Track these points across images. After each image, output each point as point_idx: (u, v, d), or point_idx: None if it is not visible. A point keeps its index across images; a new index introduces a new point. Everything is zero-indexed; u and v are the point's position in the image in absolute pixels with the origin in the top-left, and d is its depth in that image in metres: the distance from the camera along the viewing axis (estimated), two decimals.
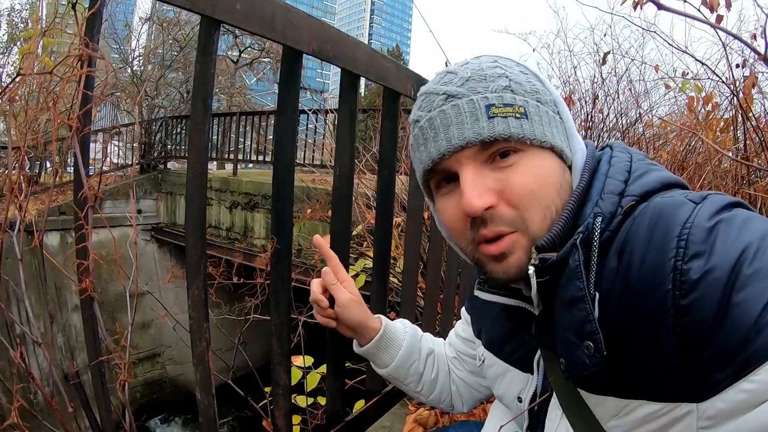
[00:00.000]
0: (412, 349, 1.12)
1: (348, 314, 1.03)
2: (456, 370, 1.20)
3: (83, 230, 1.00)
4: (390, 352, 1.10)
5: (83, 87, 0.93)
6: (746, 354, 0.51)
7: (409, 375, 1.13)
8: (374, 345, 1.09)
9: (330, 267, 1.05)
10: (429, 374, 1.16)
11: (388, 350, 1.10)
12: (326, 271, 1.03)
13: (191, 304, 1.05)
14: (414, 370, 1.13)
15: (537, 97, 0.74)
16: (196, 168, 1.02)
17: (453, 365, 1.21)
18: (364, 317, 1.06)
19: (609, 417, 0.68)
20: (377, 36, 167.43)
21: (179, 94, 13.99)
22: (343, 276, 1.06)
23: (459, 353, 1.19)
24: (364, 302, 1.07)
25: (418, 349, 1.14)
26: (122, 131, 11.63)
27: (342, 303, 1.02)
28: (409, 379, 1.14)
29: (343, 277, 1.06)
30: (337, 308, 1.03)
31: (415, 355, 1.13)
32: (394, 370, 1.11)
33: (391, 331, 1.11)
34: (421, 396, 1.19)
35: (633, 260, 0.62)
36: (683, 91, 3.29)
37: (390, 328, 1.11)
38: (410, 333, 1.14)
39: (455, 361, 1.20)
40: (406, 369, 1.12)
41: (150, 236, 9.91)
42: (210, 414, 1.10)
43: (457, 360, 1.19)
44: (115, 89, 11.94)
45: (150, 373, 9.33)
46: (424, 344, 1.17)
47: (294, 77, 1.19)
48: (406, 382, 1.15)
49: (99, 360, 1.05)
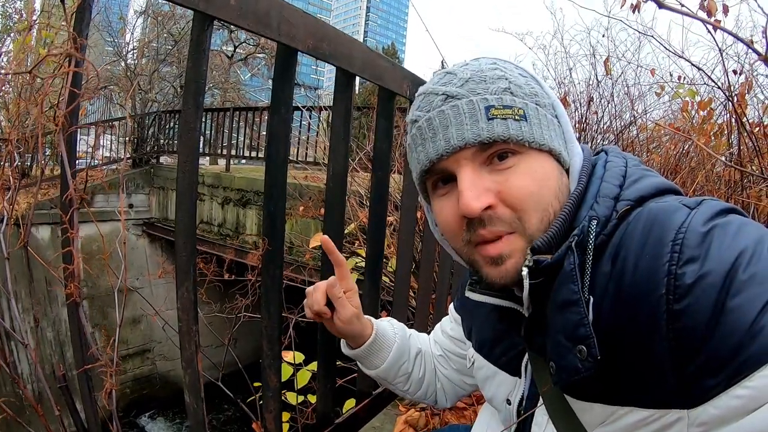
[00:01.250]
0: (401, 351, 1.11)
1: (346, 329, 1.00)
2: (441, 368, 1.20)
3: (68, 234, 0.98)
4: (380, 356, 1.09)
5: (70, 84, 0.91)
6: (740, 360, 0.51)
7: (398, 376, 1.12)
8: (365, 349, 1.07)
9: (337, 274, 0.99)
10: (417, 374, 1.16)
11: (379, 354, 1.09)
12: (333, 283, 0.96)
13: (180, 306, 1.03)
14: (403, 371, 1.12)
15: (536, 100, 0.74)
16: (186, 167, 1.00)
17: (438, 363, 1.20)
18: (360, 329, 1.03)
19: (596, 424, 0.67)
20: (373, 34, 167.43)
21: (173, 89, 13.91)
22: (349, 285, 1.01)
23: (445, 351, 1.18)
24: (362, 314, 1.04)
25: (407, 350, 1.13)
26: (115, 125, 11.57)
27: (344, 319, 0.98)
28: (397, 380, 1.13)
29: (349, 286, 1.00)
30: (337, 321, 0.99)
31: (404, 356, 1.12)
32: (383, 372, 1.10)
33: (381, 334, 1.09)
34: (407, 394, 1.18)
35: (627, 264, 0.62)
36: (678, 96, 3.30)
37: (380, 332, 1.09)
38: (400, 335, 1.13)
39: (441, 359, 1.19)
40: (395, 370, 1.11)
41: (141, 231, 9.87)
42: (199, 417, 1.09)
43: (443, 358, 1.19)
44: (108, 83, 11.87)
45: (140, 368, 9.31)
46: (412, 344, 1.16)
47: (288, 75, 1.17)
48: (394, 382, 1.14)
49: (84, 368, 1.03)
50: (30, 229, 1.15)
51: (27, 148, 1.42)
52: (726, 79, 2.60)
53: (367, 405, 1.64)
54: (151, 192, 10.28)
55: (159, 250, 9.94)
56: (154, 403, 9.27)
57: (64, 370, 1.16)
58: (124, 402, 8.72)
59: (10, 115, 1.41)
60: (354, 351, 1.09)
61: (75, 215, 1.00)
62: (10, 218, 1.25)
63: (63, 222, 0.99)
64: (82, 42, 0.90)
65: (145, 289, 7.42)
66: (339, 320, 0.98)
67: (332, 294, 0.96)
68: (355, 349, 1.08)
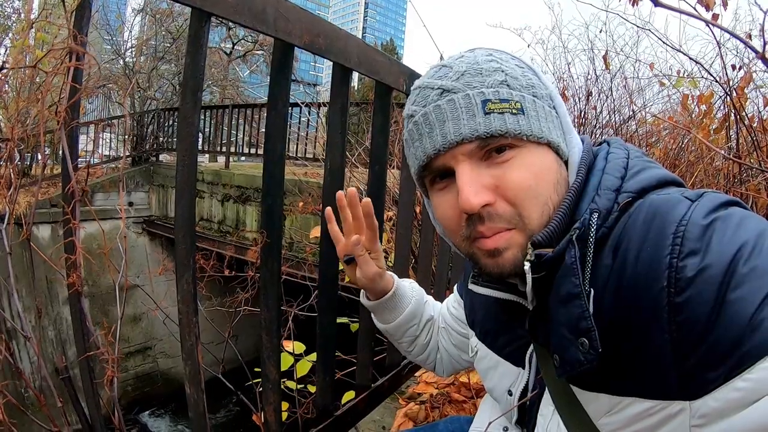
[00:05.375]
0: (414, 313, 1.16)
1: (368, 284, 1.07)
2: (443, 340, 1.23)
3: (70, 224, 0.99)
4: (394, 314, 1.14)
5: (71, 80, 0.92)
6: (740, 352, 0.51)
7: (406, 335, 1.18)
8: (381, 303, 1.12)
9: (367, 236, 1.03)
10: (423, 339, 1.21)
11: (393, 311, 1.14)
12: (356, 241, 1.00)
13: (180, 298, 1.04)
14: (411, 333, 1.18)
15: (533, 91, 0.74)
16: (185, 162, 1.01)
17: (441, 335, 1.24)
18: (382, 285, 1.09)
19: (601, 414, 0.67)
20: (371, 30, 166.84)
21: (172, 86, 13.87)
22: (375, 247, 1.05)
23: (448, 326, 1.21)
24: (386, 273, 1.09)
25: (419, 314, 1.18)
26: (114, 123, 11.54)
27: (368, 276, 1.04)
28: (404, 339, 1.19)
29: (375, 248, 1.05)
30: (359, 274, 1.04)
31: (416, 319, 1.17)
32: (393, 329, 1.16)
33: (399, 293, 1.13)
34: (409, 355, 1.24)
35: (628, 257, 0.62)
36: (677, 88, 3.30)
37: (399, 291, 1.14)
38: (416, 298, 1.17)
39: (443, 332, 1.23)
40: (404, 330, 1.16)
41: (141, 229, 9.85)
42: (200, 409, 1.10)
43: (446, 331, 1.22)
44: (107, 81, 11.83)
45: (141, 366, 9.30)
46: (426, 310, 1.21)
47: (285, 71, 1.18)
48: (400, 341, 1.20)
49: (86, 356, 1.04)
50: (32, 225, 1.16)
51: (27, 147, 1.43)
52: (724, 73, 2.61)
53: (367, 398, 1.65)
54: (151, 190, 10.25)
55: (159, 248, 9.92)
56: (156, 401, 9.27)
57: (67, 362, 1.17)
58: (126, 399, 8.71)
59: (9, 114, 1.42)
60: (370, 302, 1.14)
61: (77, 206, 1.01)
62: (11, 216, 1.26)
63: (65, 214, 1.00)
64: (83, 39, 0.91)
65: (146, 287, 7.35)
66: (361, 275, 1.04)
67: (355, 251, 1.01)
68: (371, 301, 1.13)
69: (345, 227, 1.05)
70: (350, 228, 1.03)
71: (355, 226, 1.02)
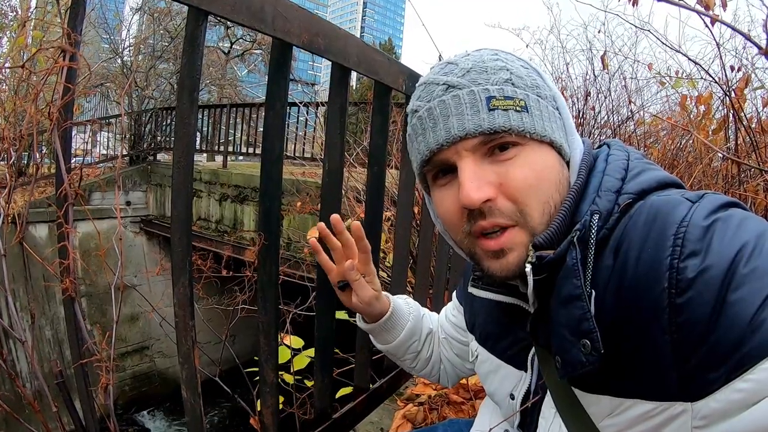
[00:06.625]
0: (414, 330, 1.14)
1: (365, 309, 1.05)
2: (444, 351, 1.22)
3: (63, 229, 0.98)
4: (393, 333, 1.12)
5: (65, 79, 0.91)
6: (741, 353, 0.51)
7: (408, 352, 1.17)
8: (379, 325, 1.10)
9: (360, 260, 1.01)
10: (425, 353, 1.20)
11: (392, 331, 1.12)
12: (349, 266, 0.98)
13: (177, 302, 1.03)
14: (413, 349, 1.16)
15: (537, 91, 0.74)
16: (182, 162, 1.00)
17: (442, 346, 1.23)
18: (379, 308, 1.07)
19: (603, 416, 0.67)
20: (370, 29, 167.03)
21: (170, 85, 13.84)
22: (369, 270, 1.03)
23: (448, 336, 1.20)
24: (381, 294, 1.08)
25: (419, 330, 1.17)
26: (111, 122, 11.51)
27: (364, 300, 1.02)
28: (407, 356, 1.17)
29: (369, 271, 1.03)
30: (355, 299, 1.03)
31: (416, 335, 1.16)
32: (394, 348, 1.14)
33: (396, 312, 1.12)
34: (413, 371, 1.23)
35: (629, 258, 0.62)
36: (676, 88, 3.30)
37: (396, 311, 1.12)
38: (414, 315, 1.16)
39: (444, 342, 1.22)
40: (405, 348, 1.15)
41: (139, 228, 9.84)
42: (196, 413, 1.09)
43: (446, 341, 1.21)
44: (105, 80, 11.81)
45: (138, 366, 9.29)
46: (425, 324, 1.20)
47: (283, 70, 1.17)
48: (403, 359, 1.18)
49: (80, 363, 1.03)
50: (26, 225, 1.14)
51: (23, 146, 1.41)
52: (723, 74, 2.61)
53: (365, 400, 1.64)
54: (149, 189, 10.24)
55: (157, 248, 9.92)
56: (153, 400, 9.26)
57: (61, 367, 1.15)
58: (123, 399, 8.71)
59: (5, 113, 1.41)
60: (368, 326, 1.12)
61: (70, 210, 0.99)
62: (7, 216, 1.25)
63: (59, 218, 0.98)
64: (76, 38, 0.89)
65: (143, 287, 7.35)
66: (357, 300, 1.02)
67: (349, 277, 0.99)
68: (369, 324, 1.12)
69: (335, 255, 1.02)
70: (340, 256, 1.01)
71: (347, 253, 1.00)
